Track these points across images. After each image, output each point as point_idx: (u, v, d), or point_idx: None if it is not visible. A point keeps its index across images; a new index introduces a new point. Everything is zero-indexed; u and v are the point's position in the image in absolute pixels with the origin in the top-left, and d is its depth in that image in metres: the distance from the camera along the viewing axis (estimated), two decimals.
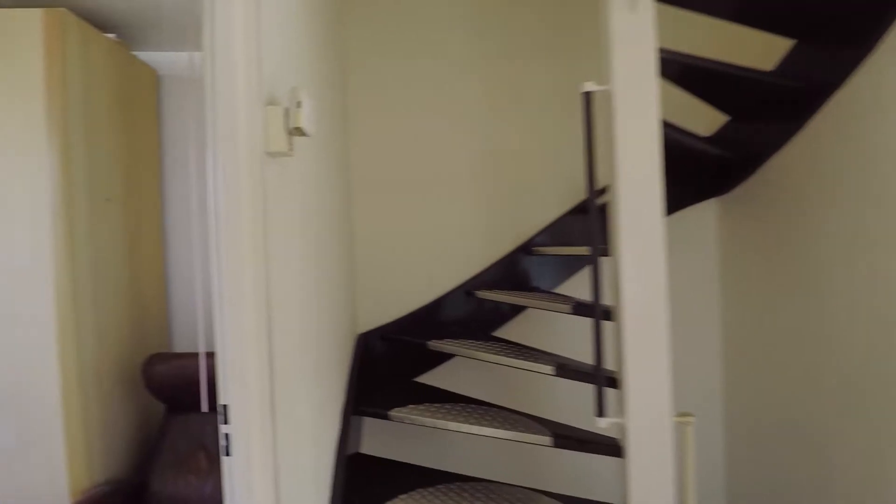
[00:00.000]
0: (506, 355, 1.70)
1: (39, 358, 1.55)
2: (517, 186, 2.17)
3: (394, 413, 1.65)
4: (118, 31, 1.85)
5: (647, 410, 1.24)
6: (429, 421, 1.60)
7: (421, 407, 1.70)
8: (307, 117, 0.92)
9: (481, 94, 2.13)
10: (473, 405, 1.78)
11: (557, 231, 2.13)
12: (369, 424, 2.02)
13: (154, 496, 1.75)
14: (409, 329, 2.10)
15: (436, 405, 1.74)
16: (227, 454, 0.77)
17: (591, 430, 1.43)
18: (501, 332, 2.16)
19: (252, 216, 0.79)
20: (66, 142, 1.56)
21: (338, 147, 1.81)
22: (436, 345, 1.82)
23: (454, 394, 1.91)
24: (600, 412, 1.27)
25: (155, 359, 1.84)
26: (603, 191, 1.38)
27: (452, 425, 1.56)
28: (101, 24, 1.74)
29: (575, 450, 1.48)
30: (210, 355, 1.91)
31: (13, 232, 1.54)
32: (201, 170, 2.10)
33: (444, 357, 2.11)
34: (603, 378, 1.27)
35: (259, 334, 0.79)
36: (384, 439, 2.06)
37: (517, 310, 2.16)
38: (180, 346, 2.18)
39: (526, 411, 1.73)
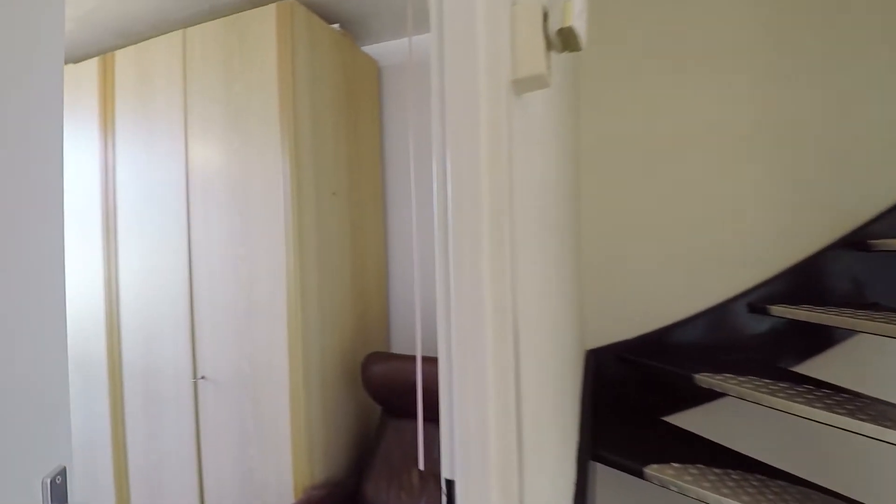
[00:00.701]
0: (834, 410, 1.06)
1: (273, 348, 1.59)
2: (829, 153, 1.44)
3: (652, 472, 1.17)
4: (341, 23, 1.84)
5: None
6: (711, 498, 1.07)
7: (692, 470, 1.18)
8: (580, 13, 0.55)
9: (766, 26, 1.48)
10: (775, 479, 1.17)
11: None
12: (604, 473, 1.58)
13: None
14: (658, 350, 1.58)
15: (714, 470, 1.19)
16: None
17: None
18: (804, 368, 1.46)
19: (492, 182, 0.46)
20: (296, 135, 1.56)
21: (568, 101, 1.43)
22: (708, 380, 1.27)
23: (738, 454, 1.32)
24: None
25: (373, 358, 1.76)
26: None
27: None
28: (325, 15, 1.74)
29: None
30: (428, 360, 1.75)
31: (253, 226, 1.61)
32: (421, 160, 1.98)
33: (709, 394, 1.52)
34: None
35: (502, 374, 0.45)
36: (622, 495, 1.58)
37: (836, 337, 1.42)
38: (399, 346, 2.11)
39: (854, 497, 1.05)
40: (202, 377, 1.74)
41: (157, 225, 1.84)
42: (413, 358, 1.73)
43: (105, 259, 1.98)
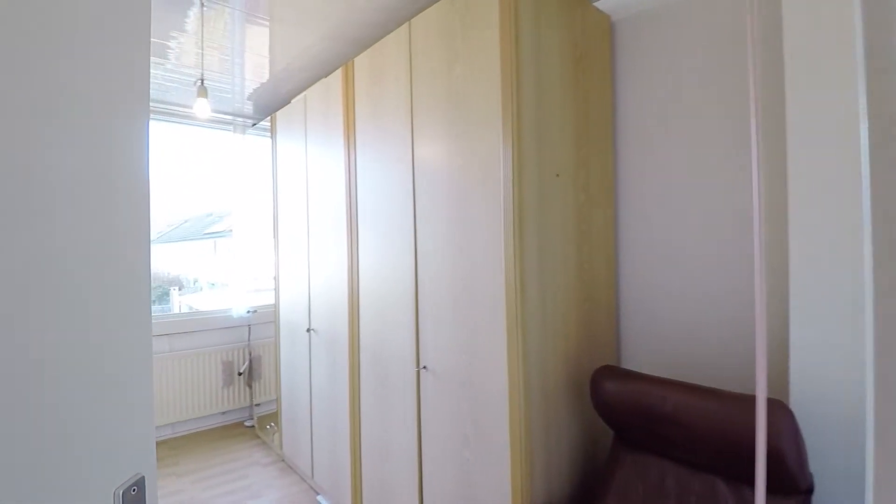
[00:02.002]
0: None
1: (491, 347, 1.44)
2: None
3: None
4: None
5: None
6: None
7: None
8: None
9: None
10: None
11: None
12: None
13: None
14: None
15: None
16: None
17: None
18: None
19: None
20: (519, 112, 1.37)
21: None
22: None
23: None
24: None
25: (605, 372, 1.46)
26: None
27: None
28: None
29: None
30: (667, 384, 1.37)
31: (471, 215, 1.49)
32: (667, 136, 1.59)
33: None
34: None
35: None
36: None
37: None
38: (629, 360, 1.75)
39: None
40: (424, 367, 1.72)
41: (388, 218, 1.92)
42: (659, 381, 1.36)
43: (349, 251, 2.18)
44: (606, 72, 1.73)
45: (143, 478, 0.63)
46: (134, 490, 0.61)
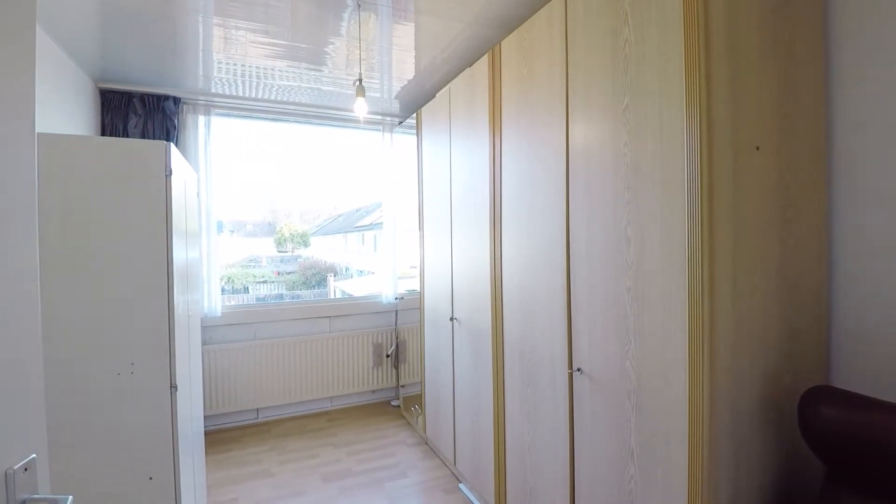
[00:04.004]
0: None
1: (667, 353, 1.24)
2: None
3: None
4: None
5: None
6: None
7: None
8: None
9: None
10: None
11: None
12: None
13: None
14: None
15: None
16: None
17: None
18: None
19: None
20: (708, 73, 1.15)
21: None
22: None
23: None
24: None
25: (821, 394, 1.17)
26: None
27: None
28: None
29: None
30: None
31: (644, 200, 1.30)
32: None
33: None
34: None
35: None
36: None
37: None
38: (843, 379, 1.39)
39: None
40: (578, 369, 1.58)
41: (535, 207, 1.80)
42: None
43: (491, 242, 2.13)
44: (816, 17, 1.37)
45: (34, 458, 0.67)
46: (26, 469, 0.65)
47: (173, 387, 1.60)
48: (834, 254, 1.41)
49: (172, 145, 1.63)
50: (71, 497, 0.67)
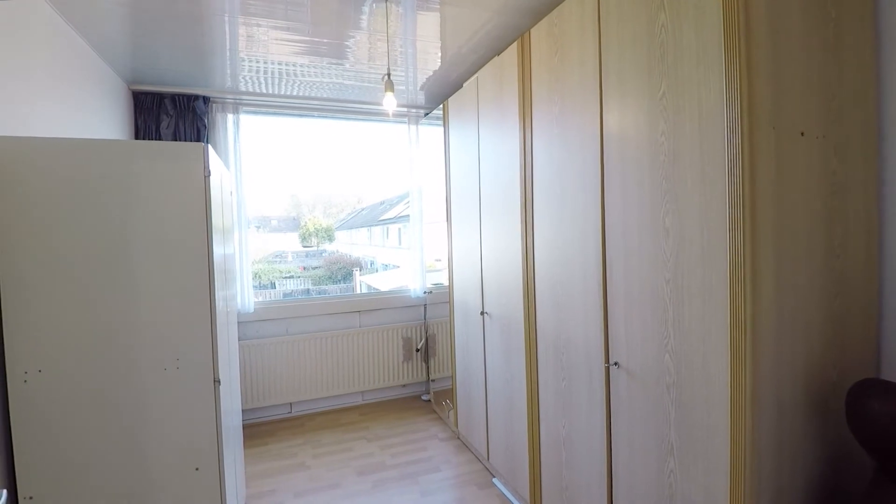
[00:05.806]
0: None
1: (707, 346, 1.22)
2: None
3: None
4: None
5: None
6: None
7: None
8: None
9: None
10: None
11: None
12: None
13: None
14: None
15: None
16: None
17: None
18: None
19: None
20: (749, 55, 1.11)
21: None
22: None
23: None
24: None
25: (871, 388, 1.13)
26: None
27: None
28: None
29: None
30: None
31: (683, 189, 1.26)
32: None
33: None
34: None
35: None
36: None
37: None
38: (893, 374, 1.34)
39: None
40: (615, 363, 1.57)
41: (567, 196, 1.78)
42: None
43: (522, 234, 2.11)
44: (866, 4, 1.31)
45: None
46: None
47: (216, 381, 1.65)
48: (885, 243, 1.35)
49: (210, 147, 1.67)
50: (4, 491, 0.68)
